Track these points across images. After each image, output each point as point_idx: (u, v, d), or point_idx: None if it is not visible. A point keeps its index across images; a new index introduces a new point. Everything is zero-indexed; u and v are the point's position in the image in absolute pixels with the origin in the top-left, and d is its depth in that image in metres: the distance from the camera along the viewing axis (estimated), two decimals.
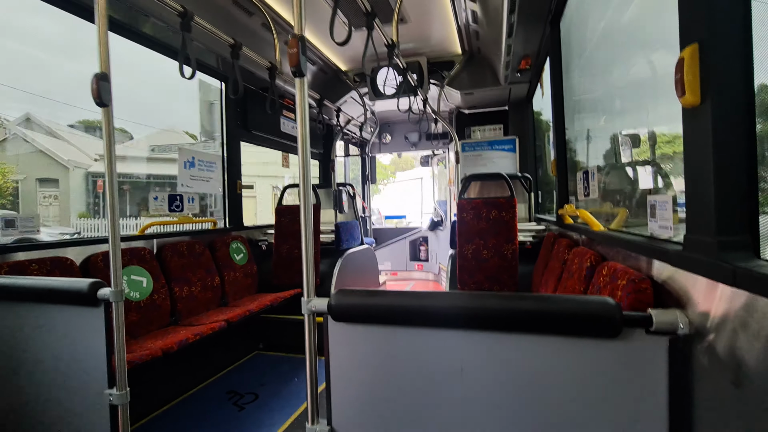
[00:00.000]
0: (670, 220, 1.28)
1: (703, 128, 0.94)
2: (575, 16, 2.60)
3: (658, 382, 1.01)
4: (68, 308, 1.66)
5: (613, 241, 1.70)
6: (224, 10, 3.17)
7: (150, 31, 2.89)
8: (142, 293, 2.67)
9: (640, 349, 1.02)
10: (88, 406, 1.65)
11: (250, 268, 3.82)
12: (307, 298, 1.31)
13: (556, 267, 2.28)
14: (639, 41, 1.81)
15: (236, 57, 2.86)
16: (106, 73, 1.62)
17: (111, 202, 1.64)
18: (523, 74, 4.09)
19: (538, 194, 4.70)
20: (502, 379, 1.12)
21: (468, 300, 1.17)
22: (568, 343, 1.06)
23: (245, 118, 4.03)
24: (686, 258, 1.03)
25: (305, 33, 1.34)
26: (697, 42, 0.94)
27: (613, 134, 2.18)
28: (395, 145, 6.99)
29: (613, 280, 1.35)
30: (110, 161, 1.64)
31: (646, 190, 1.82)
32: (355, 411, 1.26)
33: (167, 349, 2.21)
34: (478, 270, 3.41)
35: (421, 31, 3.89)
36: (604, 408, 1.05)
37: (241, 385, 2.99)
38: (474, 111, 5.55)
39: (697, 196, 0.99)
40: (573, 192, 2.81)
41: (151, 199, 3.23)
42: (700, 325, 0.98)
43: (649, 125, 1.77)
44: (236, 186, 3.90)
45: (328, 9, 2.14)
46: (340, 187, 5.32)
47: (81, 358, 1.65)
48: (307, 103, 1.33)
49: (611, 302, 1.03)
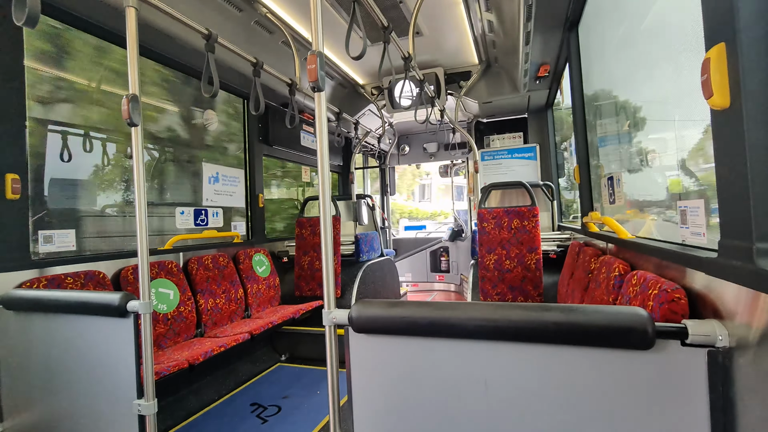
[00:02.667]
0: (703, 226, 1.22)
1: (734, 130, 0.90)
2: (593, 21, 2.56)
3: (698, 397, 0.95)
4: (100, 319, 1.72)
5: (642, 249, 1.63)
6: (247, 30, 3.29)
7: (176, 53, 3.04)
8: (170, 305, 2.75)
9: (676, 362, 0.97)
10: (117, 416, 1.69)
11: (273, 280, 3.87)
12: (328, 310, 1.31)
13: (582, 277, 2.21)
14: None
15: (258, 74, 2.96)
16: (136, 95, 1.70)
17: (140, 217, 1.71)
18: (542, 81, 4.05)
19: (560, 202, 4.60)
20: (528, 392, 1.08)
21: (492, 311, 1.14)
22: (598, 355, 1.02)
23: (266, 134, 4.14)
24: (722, 265, 0.98)
25: (323, 49, 1.37)
26: (723, 41, 0.91)
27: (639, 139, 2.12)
28: (414, 156, 7.01)
29: (644, 289, 1.30)
30: (140, 179, 1.71)
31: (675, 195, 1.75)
32: (377, 424, 1.25)
33: (193, 361, 2.25)
34: (501, 281, 3.34)
35: (437, 42, 3.92)
36: (638, 423, 0.99)
37: (264, 397, 3.01)
38: (493, 119, 5.52)
39: (730, 200, 0.95)
40: (597, 199, 2.73)
41: (178, 214, 3.34)
42: (742, 338, 0.92)
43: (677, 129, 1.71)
44: (258, 199, 3.99)
45: (346, 25, 2.19)
46: (359, 198, 5.36)
47: (111, 369, 1.70)
48: (326, 117, 1.36)
49: (643, 313, 0.99)
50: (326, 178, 1.34)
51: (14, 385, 1.88)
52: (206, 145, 3.64)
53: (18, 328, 1.87)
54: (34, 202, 2.29)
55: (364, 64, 4.21)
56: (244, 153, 4.01)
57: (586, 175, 2.86)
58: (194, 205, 3.45)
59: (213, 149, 3.71)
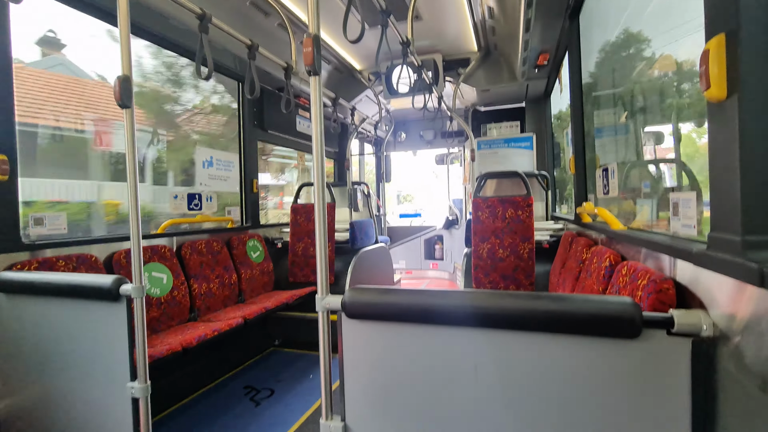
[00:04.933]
0: (694, 219, 1.23)
1: (729, 123, 0.90)
2: (595, 9, 2.53)
3: (681, 385, 0.98)
4: (93, 303, 1.72)
5: (633, 241, 1.65)
6: (241, 11, 3.21)
7: (169, 33, 2.96)
8: (163, 290, 2.74)
9: (662, 350, 0.99)
10: (110, 399, 1.70)
11: (267, 266, 3.87)
12: (322, 296, 1.32)
13: (574, 267, 2.24)
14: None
15: (253, 57, 2.90)
16: (128, 76, 1.66)
17: (133, 201, 1.69)
18: (541, 70, 4.01)
19: (555, 192, 4.61)
20: (517, 379, 1.10)
21: (483, 298, 1.16)
22: (586, 343, 1.04)
23: (261, 118, 4.09)
24: (710, 257, 1.00)
25: (320, 32, 1.34)
26: (723, 32, 0.90)
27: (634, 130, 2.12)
28: (410, 143, 6.97)
29: (633, 280, 1.32)
30: (132, 162, 1.68)
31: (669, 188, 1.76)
32: (368, 408, 1.27)
33: (186, 345, 2.26)
34: (493, 269, 3.37)
35: (436, 28, 3.86)
36: (623, 410, 1.02)
37: (257, 380, 3.04)
38: (490, 108, 5.48)
39: (722, 193, 0.96)
40: (591, 190, 2.74)
41: (171, 198, 3.31)
42: (726, 327, 0.94)
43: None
44: (252, 185, 3.96)
45: (343, 8, 2.15)
46: (354, 185, 5.34)
47: (104, 352, 1.71)
48: (322, 101, 1.34)
49: (631, 302, 1.00)
50: (321, 164, 1.33)
51: (6, 369, 1.89)
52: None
53: (9, 310, 1.87)
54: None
55: (361, 48, 4.14)
56: (238, 137, 3.96)
57: (582, 166, 2.87)
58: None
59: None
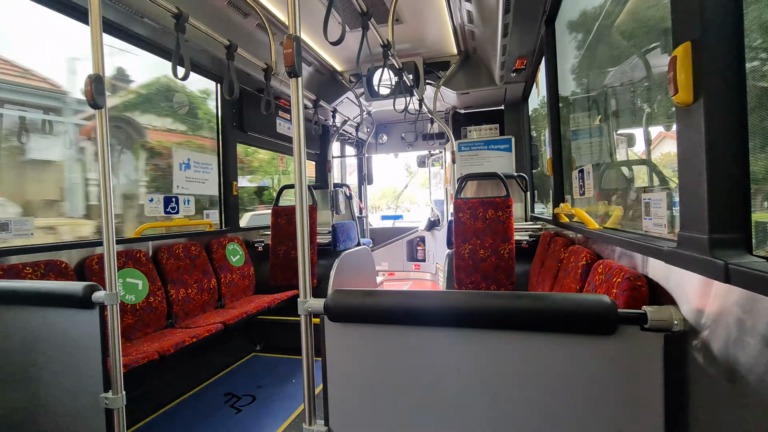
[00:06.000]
0: (665, 218, 1.28)
1: (695, 126, 0.94)
2: (570, 16, 2.61)
3: (654, 379, 1.02)
4: (63, 311, 1.64)
5: (608, 240, 1.71)
6: (219, 11, 3.16)
7: (143, 32, 2.88)
8: (138, 296, 2.66)
9: (636, 345, 1.03)
10: (82, 410, 1.63)
11: (247, 270, 3.80)
12: (304, 299, 1.31)
13: (552, 266, 2.29)
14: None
15: (231, 58, 2.85)
16: (100, 75, 1.61)
17: (105, 204, 1.63)
18: (519, 74, 4.10)
19: (534, 193, 4.72)
20: (499, 378, 1.12)
21: (465, 299, 1.17)
22: (565, 341, 1.07)
23: (241, 120, 4.02)
24: (680, 255, 1.04)
25: (300, 34, 1.33)
26: (689, 40, 0.95)
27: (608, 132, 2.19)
28: (392, 145, 6.99)
29: (609, 278, 1.36)
30: (105, 164, 1.63)
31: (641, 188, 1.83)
32: (352, 411, 1.26)
33: (163, 352, 2.20)
34: (475, 270, 3.42)
35: (417, 31, 3.89)
36: (601, 404, 1.05)
37: (238, 387, 2.98)
38: (470, 111, 5.57)
39: (690, 194, 1.00)
40: (569, 191, 2.82)
41: (146, 202, 3.21)
42: (695, 322, 0.99)
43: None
44: (232, 187, 3.89)
45: (324, 9, 2.14)
46: (336, 187, 5.31)
47: (76, 362, 1.64)
48: (303, 103, 1.33)
49: (606, 300, 1.03)
50: (302, 166, 1.32)
51: None
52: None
53: None
54: None
55: (342, 50, 4.13)
56: (216, 139, 3.88)
57: (559, 168, 2.94)
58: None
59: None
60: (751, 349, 0.79)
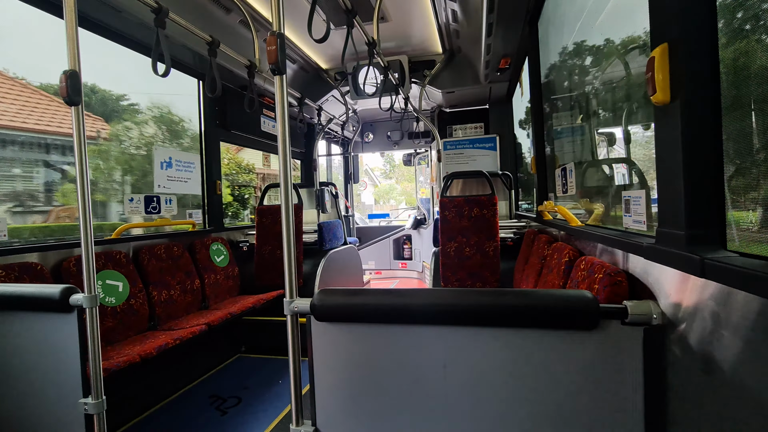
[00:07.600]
0: (644, 215, 1.32)
1: (672, 125, 0.97)
2: (553, 16, 2.65)
3: (635, 371, 1.04)
4: (39, 315, 1.59)
5: (590, 236, 1.74)
6: (201, 6, 3.09)
7: (122, 27, 2.80)
8: (119, 298, 2.59)
9: (617, 339, 1.05)
10: (61, 417, 1.59)
11: (232, 270, 3.75)
12: (290, 299, 1.29)
13: (536, 263, 2.33)
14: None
15: (213, 54, 2.80)
16: (75, 71, 1.56)
17: (83, 204, 1.58)
18: (503, 73, 4.15)
19: (518, 191, 4.78)
20: (484, 374, 1.13)
21: (450, 297, 1.18)
22: (548, 336, 1.09)
23: (224, 118, 3.95)
24: (658, 251, 1.07)
25: (284, 30, 1.32)
26: (666, 42, 0.97)
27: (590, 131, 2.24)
28: (377, 143, 6.98)
29: (591, 274, 1.39)
30: (81, 162, 1.58)
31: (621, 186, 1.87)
32: (339, 411, 1.26)
33: (146, 355, 2.15)
34: (460, 267, 3.45)
35: (402, 29, 3.89)
36: (584, 397, 1.07)
37: (223, 389, 2.94)
38: (455, 109, 5.60)
39: (668, 191, 1.03)
40: (552, 189, 2.87)
41: (126, 201, 3.13)
42: (673, 316, 1.02)
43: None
44: (216, 186, 3.82)
45: (308, 6, 2.12)
46: (322, 186, 5.28)
47: (54, 367, 1.58)
48: (287, 101, 1.31)
49: (588, 295, 1.06)
50: (287, 164, 1.31)
51: None
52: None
53: None
54: None
55: (327, 48, 4.10)
56: (199, 137, 3.81)
57: (542, 166, 2.99)
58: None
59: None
60: (726, 340, 0.82)
